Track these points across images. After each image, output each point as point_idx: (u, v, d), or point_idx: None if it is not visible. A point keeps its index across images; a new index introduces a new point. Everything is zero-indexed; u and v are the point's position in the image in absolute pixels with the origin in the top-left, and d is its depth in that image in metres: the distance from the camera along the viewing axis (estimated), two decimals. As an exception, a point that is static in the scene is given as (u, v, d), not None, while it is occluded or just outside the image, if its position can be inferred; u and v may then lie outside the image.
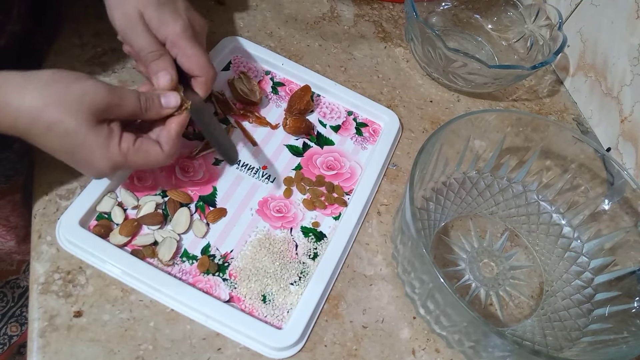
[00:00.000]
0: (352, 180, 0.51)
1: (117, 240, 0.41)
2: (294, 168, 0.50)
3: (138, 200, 0.44)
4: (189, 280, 0.42)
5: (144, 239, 0.42)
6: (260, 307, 0.42)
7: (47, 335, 0.37)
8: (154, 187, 0.45)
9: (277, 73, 0.56)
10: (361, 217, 0.48)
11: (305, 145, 0.52)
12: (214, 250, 0.44)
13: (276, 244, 0.45)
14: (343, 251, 0.45)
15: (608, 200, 0.48)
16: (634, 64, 0.57)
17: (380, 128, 0.55)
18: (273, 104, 0.54)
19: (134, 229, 0.42)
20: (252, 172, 0.49)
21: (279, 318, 0.42)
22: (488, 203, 0.52)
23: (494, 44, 0.68)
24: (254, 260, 0.44)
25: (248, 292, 0.42)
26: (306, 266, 0.45)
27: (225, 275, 0.43)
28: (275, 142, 0.51)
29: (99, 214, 0.43)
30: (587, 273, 0.47)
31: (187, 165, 0.47)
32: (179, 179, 0.46)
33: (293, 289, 0.43)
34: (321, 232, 0.47)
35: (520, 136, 0.50)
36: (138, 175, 0.45)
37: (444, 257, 0.49)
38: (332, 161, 0.52)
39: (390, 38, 0.66)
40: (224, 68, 0.55)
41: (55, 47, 0.51)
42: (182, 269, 0.42)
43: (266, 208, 0.47)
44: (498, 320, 0.46)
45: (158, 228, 0.43)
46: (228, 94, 0.53)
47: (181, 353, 0.39)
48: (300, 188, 0.49)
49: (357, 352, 0.42)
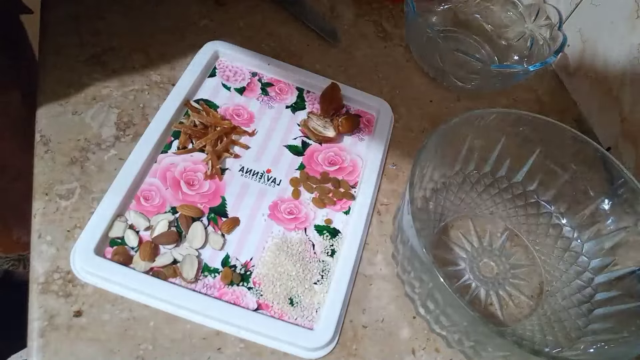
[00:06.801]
0: (355, 173, 0.51)
1: (141, 267, 0.41)
2: (298, 168, 0.50)
3: (149, 221, 0.43)
4: (215, 294, 0.41)
5: (162, 259, 0.42)
6: (289, 310, 0.42)
7: (47, 335, 0.37)
8: (163, 205, 0.45)
9: (264, 74, 0.56)
10: (370, 208, 0.49)
11: (304, 144, 0.52)
12: (234, 261, 0.43)
13: (293, 246, 0.45)
14: (360, 244, 0.46)
15: (608, 200, 0.48)
16: (634, 63, 0.57)
17: (373, 118, 0.56)
18: (265, 106, 0.54)
19: (153, 251, 0.41)
20: (257, 177, 0.48)
21: (309, 319, 0.42)
22: (488, 203, 0.52)
23: (494, 43, 0.67)
24: (275, 265, 0.44)
25: (275, 298, 0.42)
26: (326, 264, 0.45)
27: (249, 284, 0.42)
28: (275, 144, 0.51)
29: (111, 239, 0.42)
30: (587, 273, 0.47)
31: (192, 179, 0.47)
32: (186, 194, 0.46)
33: (317, 288, 0.43)
34: (335, 228, 0.47)
35: (520, 136, 0.50)
36: (144, 195, 0.45)
37: (444, 257, 0.49)
38: (333, 156, 0.52)
39: (390, 38, 0.66)
40: (210, 74, 0.54)
41: (55, 47, 0.51)
42: (206, 284, 0.42)
43: (277, 211, 0.47)
44: (498, 319, 0.46)
45: (175, 246, 0.43)
46: (297, 132, 0.52)
47: (181, 353, 0.39)
48: (307, 187, 0.49)
49: (356, 352, 0.42)
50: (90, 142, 0.46)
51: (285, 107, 0.54)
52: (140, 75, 0.52)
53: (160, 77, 0.52)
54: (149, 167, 0.46)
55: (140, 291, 0.40)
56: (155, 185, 0.45)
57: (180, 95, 0.50)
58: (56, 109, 0.47)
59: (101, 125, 0.48)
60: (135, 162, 0.45)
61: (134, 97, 0.50)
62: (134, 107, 0.50)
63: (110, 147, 0.47)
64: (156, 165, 0.47)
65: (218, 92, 0.53)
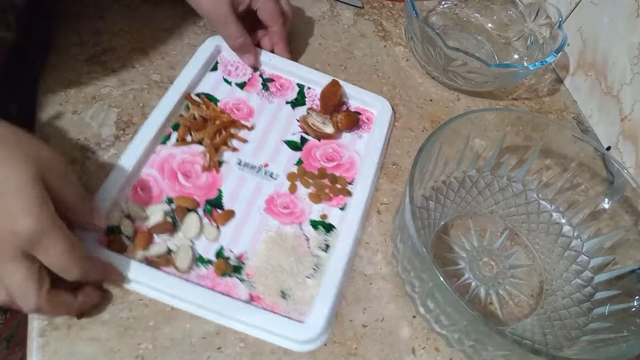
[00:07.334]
0: (352, 170, 0.51)
1: (137, 255, 0.41)
2: (296, 163, 0.50)
3: (145, 211, 0.43)
4: (208, 284, 0.41)
5: (157, 248, 0.42)
6: (281, 303, 0.42)
7: (47, 334, 0.37)
8: (160, 195, 0.45)
9: (265, 69, 0.56)
10: (366, 205, 0.48)
11: (303, 140, 0.52)
12: (228, 253, 0.43)
13: (288, 239, 0.45)
14: (353, 240, 0.46)
15: (608, 199, 0.48)
16: (634, 62, 0.57)
17: (373, 115, 0.56)
18: (265, 101, 0.54)
19: (148, 240, 0.42)
20: (254, 171, 0.49)
21: (301, 312, 0.42)
22: (488, 202, 0.52)
23: (494, 42, 0.68)
24: (268, 258, 0.44)
25: (267, 290, 0.42)
26: (320, 258, 0.45)
27: (242, 276, 0.43)
28: (273, 138, 0.51)
29: (108, 228, 0.42)
30: (587, 272, 0.47)
31: (189, 171, 0.47)
32: (183, 185, 0.46)
33: (310, 282, 0.43)
34: (330, 223, 0.47)
35: (520, 135, 0.50)
36: (141, 185, 0.45)
37: (444, 256, 0.49)
38: (331, 152, 0.52)
39: (390, 37, 0.66)
40: (211, 69, 0.54)
41: (55, 46, 0.51)
42: (199, 274, 0.42)
43: (273, 205, 0.47)
44: (498, 319, 0.46)
45: (169, 236, 0.43)
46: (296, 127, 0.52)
47: (181, 352, 0.39)
48: (304, 182, 0.49)
49: (357, 351, 0.42)
50: (90, 141, 0.46)
51: (285, 103, 0.54)
52: (140, 75, 0.52)
53: (160, 76, 0.52)
54: (147, 158, 0.46)
55: (135, 280, 0.40)
56: (153, 176, 0.46)
57: (182, 88, 0.50)
58: (56, 109, 0.47)
59: (101, 125, 0.48)
60: (134, 152, 0.45)
61: (133, 96, 0.50)
62: (133, 106, 0.50)
63: (110, 147, 0.47)
64: (154, 156, 0.47)
65: (219, 86, 0.53)
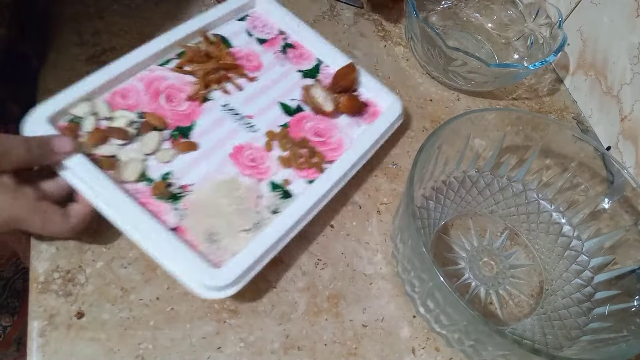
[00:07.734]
0: (336, 152, 0.49)
1: (84, 148, 0.41)
2: (281, 125, 0.49)
3: (113, 113, 0.44)
4: (139, 199, 0.41)
5: (105, 149, 0.43)
6: (204, 244, 0.41)
7: (47, 334, 0.37)
8: (134, 106, 0.46)
9: (290, 35, 0.56)
10: (334, 190, 0.46)
11: (298, 108, 0.51)
12: (173, 179, 0.43)
13: (239, 189, 0.45)
14: (305, 214, 0.44)
15: (608, 199, 0.48)
16: (634, 62, 0.57)
17: (380, 111, 0.54)
18: (278, 62, 0.54)
19: (101, 139, 0.42)
20: (236, 117, 0.49)
21: (220, 259, 0.40)
22: (488, 202, 0.52)
23: (494, 42, 0.68)
24: (210, 198, 0.43)
25: (196, 226, 0.41)
26: (263, 219, 0.44)
27: (177, 205, 0.42)
28: (270, 97, 0.51)
29: (71, 116, 0.43)
30: (587, 272, 0.47)
31: (174, 95, 0.48)
32: (161, 106, 0.47)
33: (243, 235, 0.42)
34: (289, 190, 0.46)
35: (520, 135, 0.50)
36: (123, 93, 0.46)
37: (444, 256, 0.49)
38: (321, 129, 0.51)
39: (390, 37, 0.66)
40: (239, 19, 0.55)
41: (55, 46, 0.51)
42: (136, 188, 0.42)
43: (240, 155, 0.47)
44: (498, 319, 0.46)
45: (122, 144, 0.43)
46: (298, 95, 0.52)
47: (181, 352, 0.39)
48: (282, 144, 0.48)
49: (356, 351, 0.42)
50: (90, 141, 0.46)
51: (297, 71, 0.54)
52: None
53: (160, 76, 0.52)
54: (138, 71, 0.48)
55: (72, 169, 0.40)
56: (137, 89, 0.47)
57: (203, 22, 0.51)
58: (56, 109, 0.47)
59: (101, 125, 0.48)
60: (125, 61, 0.47)
61: (133, 96, 0.50)
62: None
63: (110, 147, 0.47)
64: (148, 72, 0.48)
65: (239, 35, 0.54)
